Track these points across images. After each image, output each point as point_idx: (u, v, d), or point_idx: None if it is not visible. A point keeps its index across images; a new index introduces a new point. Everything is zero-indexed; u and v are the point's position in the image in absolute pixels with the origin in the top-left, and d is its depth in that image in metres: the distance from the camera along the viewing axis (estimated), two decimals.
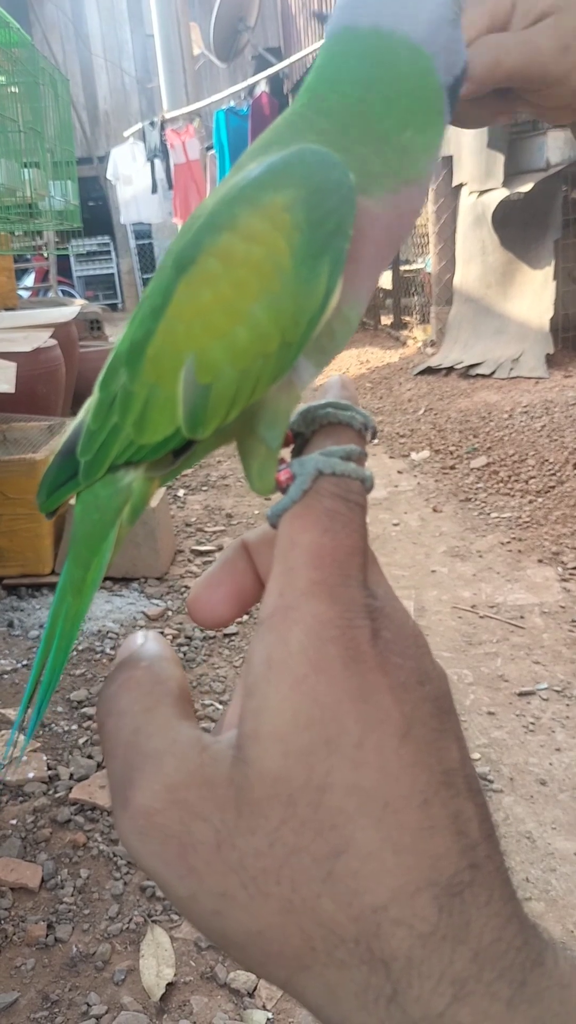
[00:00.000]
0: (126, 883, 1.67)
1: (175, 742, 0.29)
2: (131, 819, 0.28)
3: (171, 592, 2.98)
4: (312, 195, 0.35)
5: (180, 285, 0.37)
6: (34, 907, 1.62)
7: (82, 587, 0.42)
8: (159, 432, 0.38)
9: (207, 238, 0.37)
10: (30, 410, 3.63)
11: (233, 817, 0.27)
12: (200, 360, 0.37)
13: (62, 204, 4.86)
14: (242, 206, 0.36)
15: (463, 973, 0.26)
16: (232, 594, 0.37)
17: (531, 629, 2.65)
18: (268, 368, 0.37)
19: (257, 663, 0.29)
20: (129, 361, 0.39)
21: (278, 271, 0.35)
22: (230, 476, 4.42)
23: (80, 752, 2.08)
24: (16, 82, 4.08)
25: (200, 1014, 1.40)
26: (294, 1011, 1.41)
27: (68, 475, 0.42)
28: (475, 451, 4.39)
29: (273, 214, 0.35)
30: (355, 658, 0.28)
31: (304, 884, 0.27)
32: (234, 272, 0.36)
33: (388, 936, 0.26)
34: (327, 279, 0.35)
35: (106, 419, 0.40)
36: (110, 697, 0.32)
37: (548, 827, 1.81)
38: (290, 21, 11.34)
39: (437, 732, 0.29)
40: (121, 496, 0.41)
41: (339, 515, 0.32)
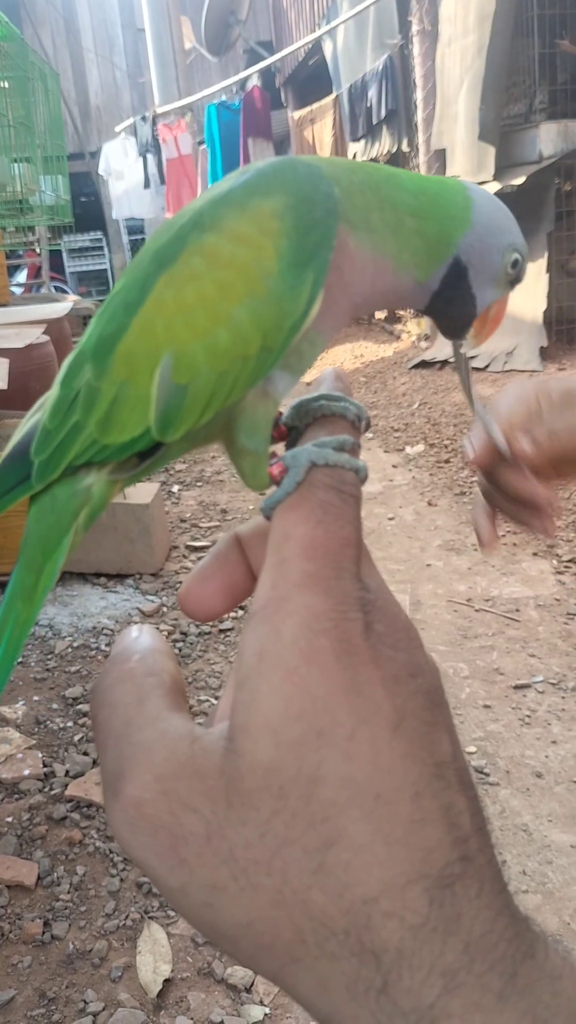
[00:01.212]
0: (122, 880, 1.67)
1: (166, 733, 0.29)
2: (122, 810, 0.28)
3: (166, 588, 2.97)
4: (301, 203, 0.36)
5: (160, 281, 0.37)
6: (30, 904, 1.62)
7: (33, 593, 0.41)
8: (126, 432, 0.38)
9: (192, 237, 0.37)
10: (23, 406, 3.60)
11: (224, 808, 0.27)
12: (178, 359, 0.36)
13: (53, 199, 4.85)
14: (230, 208, 0.36)
15: (454, 965, 0.25)
16: (224, 587, 0.37)
17: (526, 622, 2.65)
18: (246, 372, 0.37)
19: (249, 655, 0.29)
20: (96, 357, 0.38)
21: (264, 275, 0.36)
22: (224, 472, 4.41)
23: (76, 749, 2.08)
24: (6, 77, 4.06)
25: (197, 1010, 1.39)
26: (291, 1006, 1.40)
27: (18, 479, 0.41)
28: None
29: (262, 219, 0.36)
30: (347, 651, 0.28)
31: (295, 876, 0.26)
32: (219, 272, 0.36)
33: (379, 928, 0.26)
34: (311, 287, 0.36)
35: (66, 417, 0.39)
36: (103, 689, 0.32)
37: (544, 820, 1.81)
38: (281, 15, 11.31)
39: (429, 725, 0.29)
40: (79, 499, 0.41)
41: (333, 507, 0.32)
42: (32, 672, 2.45)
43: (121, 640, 0.34)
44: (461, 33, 5.71)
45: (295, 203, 0.36)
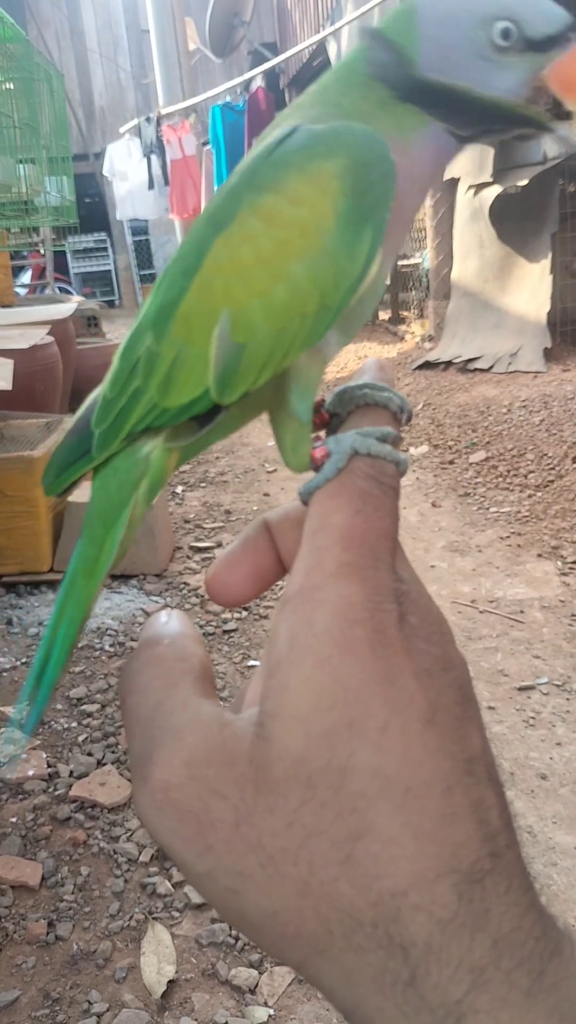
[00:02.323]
0: (127, 880, 1.67)
1: (196, 718, 0.29)
2: (149, 794, 0.28)
3: (170, 589, 2.97)
4: (359, 166, 0.36)
5: (217, 241, 0.37)
6: (34, 905, 1.62)
7: (95, 568, 0.41)
8: (186, 393, 0.38)
9: (247, 197, 0.37)
10: (27, 407, 3.62)
11: (252, 796, 0.27)
12: (236, 318, 0.36)
13: (58, 200, 4.86)
14: (288, 169, 0.36)
15: (482, 961, 0.25)
16: (251, 573, 0.37)
17: (531, 623, 2.65)
18: (304, 330, 0.37)
19: (281, 642, 0.29)
20: (156, 323, 0.38)
21: (322, 233, 0.36)
22: (228, 472, 4.42)
23: (80, 750, 2.08)
24: (11, 78, 4.07)
25: (201, 1011, 1.39)
26: (295, 1008, 1.40)
27: (80, 453, 0.41)
28: (474, 446, 4.39)
29: (321, 179, 0.36)
30: (382, 642, 0.28)
31: (322, 866, 0.26)
32: (277, 231, 0.36)
33: (407, 921, 0.26)
34: (369, 246, 0.36)
35: (126, 385, 0.39)
36: (132, 673, 0.32)
37: (549, 821, 1.80)
38: (286, 16, 11.31)
39: (460, 719, 0.29)
40: (138, 469, 0.40)
41: (372, 497, 0.32)
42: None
43: (150, 625, 0.34)
44: None
45: (354, 164, 0.36)
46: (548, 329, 5.60)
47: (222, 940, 1.52)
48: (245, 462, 4.60)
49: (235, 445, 4.95)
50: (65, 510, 3.04)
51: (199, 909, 1.59)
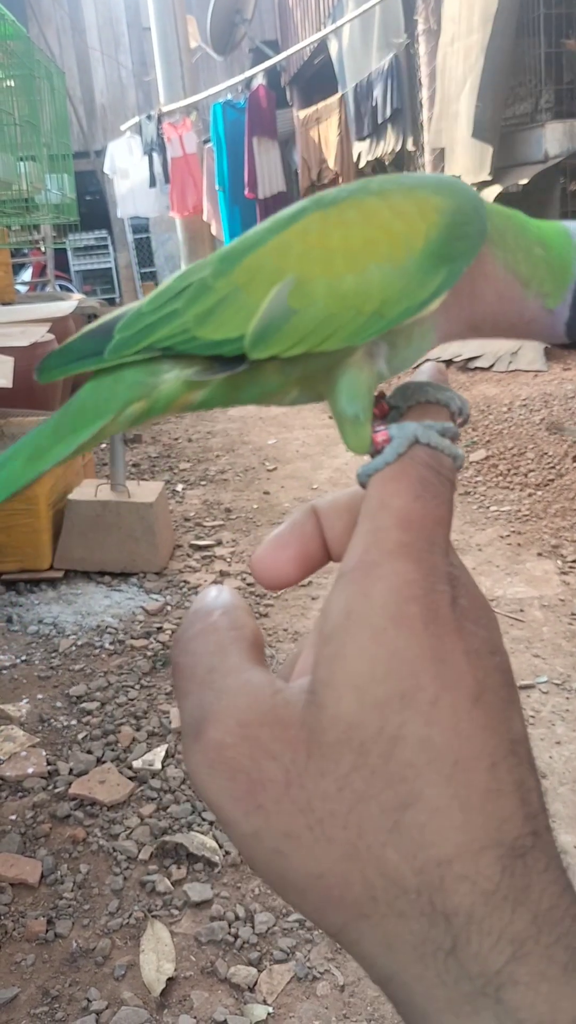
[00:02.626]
0: (126, 878, 1.67)
1: (249, 682, 0.30)
2: (202, 752, 0.29)
3: (170, 587, 2.97)
4: (460, 213, 0.38)
5: (314, 215, 0.39)
6: (34, 903, 1.62)
7: (42, 457, 0.40)
8: (221, 331, 0.39)
9: (357, 194, 0.39)
10: (27, 405, 3.62)
11: (304, 758, 0.28)
12: (300, 284, 0.38)
13: (59, 198, 4.85)
14: (399, 188, 0.39)
15: (522, 934, 0.26)
16: (298, 556, 0.38)
17: (531, 622, 2.65)
18: (352, 325, 0.38)
19: (336, 613, 0.30)
20: (223, 260, 0.39)
21: (407, 250, 0.38)
22: (228, 471, 4.42)
23: (79, 747, 2.08)
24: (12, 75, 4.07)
25: (200, 1009, 1.39)
26: (294, 1005, 1.40)
27: (90, 352, 0.40)
28: (474, 444, 4.39)
29: (424, 206, 0.38)
30: (434, 619, 0.29)
31: (370, 832, 0.27)
32: (370, 229, 0.38)
33: (451, 891, 0.26)
34: (439, 283, 0.38)
35: (166, 304, 0.40)
36: (187, 639, 0.33)
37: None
38: (287, 14, 11.30)
39: (506, 702, 0.29)
40: (145, 388, 0.40)
41: (431, 484, 0.33)
42: (36, 670, 2.46)
43: (202, 598, 0.35)
44: (465, 32, 5.70)
45: (456, 209, 0.38)
46: None
47: (221, 938, 1.52)
48: (245, 460, 4.60)
49: (235, 443, 4.95)
50: (65, 508, 3.04)
51: (198, 907, 1.59)
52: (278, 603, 2.83)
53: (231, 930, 1.54)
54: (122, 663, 2.48)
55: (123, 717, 2.20)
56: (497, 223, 0.41)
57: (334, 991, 1.43)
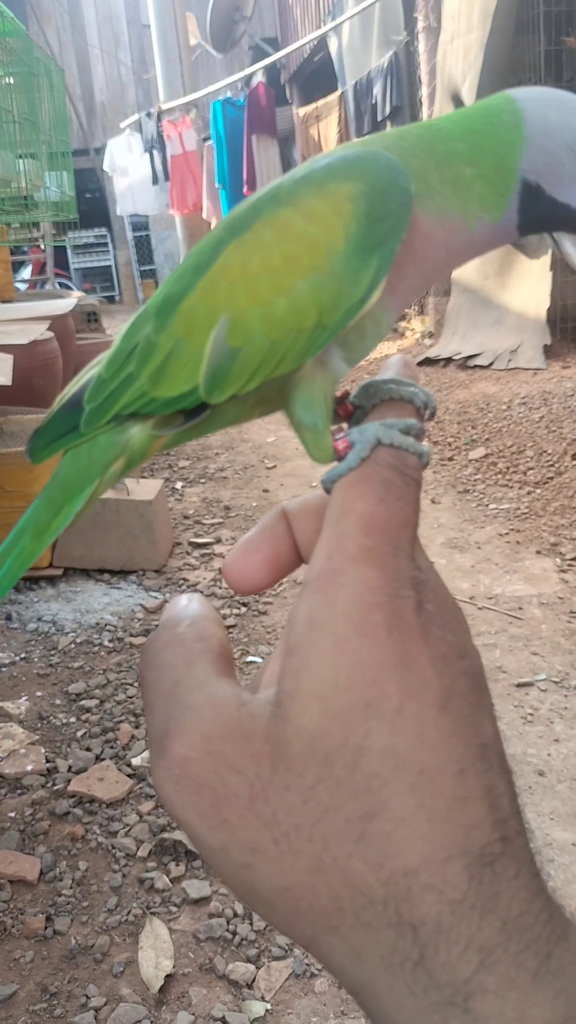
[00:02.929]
0: (124, 875, 1.67)
1: (214, 696, 0.30)
2: (167, 768, 0.29)
3: (169, 584, 2.97)
4: (375, 192, 0.37)
5: (230, 247, 0.38)
6: (33, 899, 1.62)
7: (44, 531, 0.42)
8: (175, 387, 0.39)
9: (267, 209, 0.38)
10: (27, 403, 3.62)
11: (268, 772, 0.28)
12: (235, 323, 0.37)
13: (58, 195, 4.85)
14: (308, 186, 0.38)
15: (491, 942, 0.26)
16: (268, 560, 0.37)
17: (529, 620, 2.65)
18: (298, 345, 0.37)
19: (300, 623, 0.30)
20: (159, 313, 0.39)
21: (330, 253, 0.37)
22: (227, 468, 4.42)
23: (78, 745, 2.08)
24: (11, 72, 4.07)
25: (199, 1005, 1.40)
26: (293, 1002, 1.41)
27: (69, 427, 0.41)
28: (473, 442, 4.39)
29: (336, 200, 0.37)
30: (399, 626, 0.29)
31: (336, 844, 0.27)
32: (287, 245, 0.37)
33: (418, 901, 0.26)
34: (373, 273, 0.37)
35: (121, 368, 0.40)
36: (153, 652, 0.33)
37: (546, 818, 1.81)
38: (287, 11, 11.29)
39: (474, 707, 0.29)
40: (117, 449, 0.41)
41: (395, 486, 0.33)
42: (35, 668, 2.46)
43: (172, 607, 0.35)
44: (464, 30, 5.69)
45: (371, 191, 0.37)
46: (548, 326, 5.60)
47: (219, 935, 1.52)
48: (245, 458, 4.60)
49: (235, 441, 4.95)
50: None
51: (197, 904, 1.60)
52: (277, 600, 2.83)
53: (229, 927, 1.54)
54: (121, 661, 2.48)
55: (122, 715, 2.20)
56: (416, 169, 0.39)
57: (332, 988, 1.43)
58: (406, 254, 0.38)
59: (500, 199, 0.40)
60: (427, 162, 0.39)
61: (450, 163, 0.39)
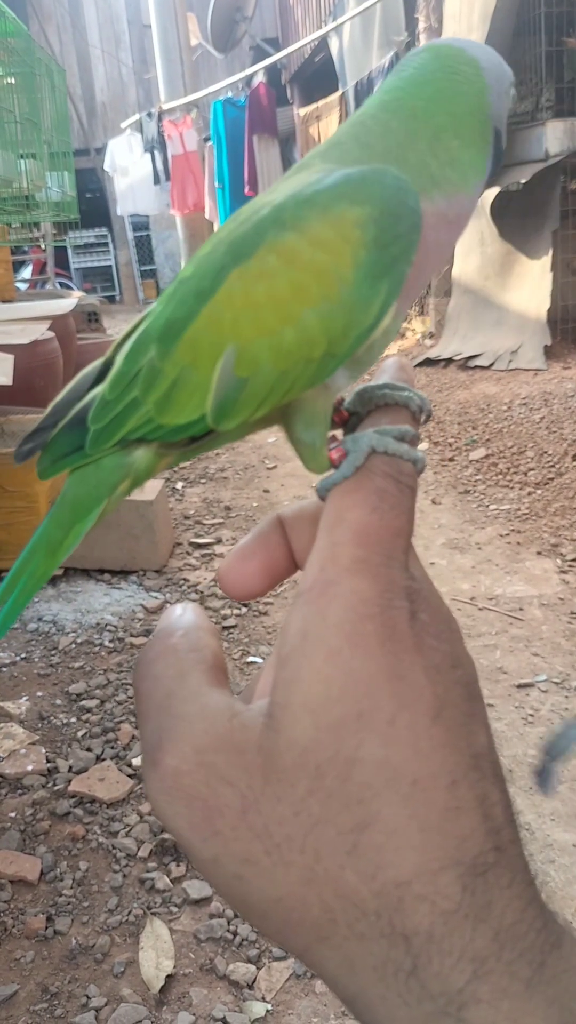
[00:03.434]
0: (125, 876, 1.67)
1: (206, 707, 0.30)
2: (159, 780, 0.29)
3: (169, 585, 2.97)
4: (384, 217, 0.35)
5: (234, 273, 0.37)
6: (33, 900, 1.62)
7: (56, 550, 0.42)
8: (182, 415, 0.38)
9: (271, 233, 0.36)
10: (27, 403, 3.61)
11: (260, 783, 0.28)
12: (242, 353, 0.37)
13: (59, 195, 4.85)
14: (313, 210, 0.36)
15: (484, 951, 0.26)
16: (264, 567, 0.37)
17: (530, 621, 2.65)
18: (307, 373, 0.37)
19: (293, 634, 0.30)
20: (163, 339, 0.38)
21: (339, 282, 0.35)
22: (228, 469, 4.42)
23: (79, 745, 2.08)
24: (12, 73, 4.06)
25: (199, 1006, 1.40)
26: (293, 1003, 1.41)
27: (76, 445, 0.41)
28: (474, 443, 4.39)
29: (344, 226, 0.35)
30: (392, 637, 0.29)
31: (328, 855, 0.27)
32: (294, 274, 0.36)
33: (410, 911, 0.26)
34: (384, 299, 0.36)
35: (125, 392, 0.39)
36: (147, 662, 0.33)
37: (547, 819, 1.81)
38: (288, 11, 11.29)
39: (467, 716, 0.29)
40: (123, 471, 0.41)
41: (389, 495, 0.33)
42: (36, 668, 2.46)
43: (166, 617, 0.35)
44: (465, 30, 5.69)
45: (380, 215, 0.35)
46: (548, 326, 5.60)
47: (220, 935, 1.52)
48: (245, 458, 4.60)
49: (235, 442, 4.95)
50: None
51: (197, 904, 1.60)
52: (278, 601, 2.83)
53: (230, 927, 1.54)
54: (122, 661, 2.48)
55: (123, 715, 2.20)
56: (416, 163, 0.38)
57: None
58: (417, 262, 0.38)
59: (483, 157, 0.40)
60: (423, 150, 0.38)
61: (440, 140, 0.39)
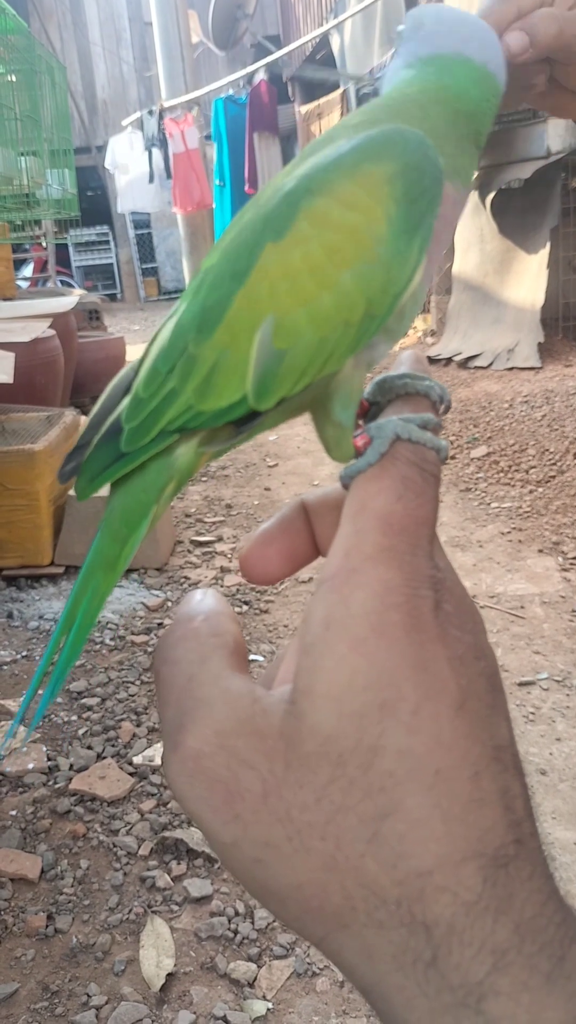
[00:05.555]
0: (126, 874, 1.67)
1: (228, 691, 0.30)
2: (180, 762, 0.29)
3: (171, 583, 2.97)
4: (411, 170, 0.36)
5: (268, 247, 0.37)
6: (34, 898, 1.62)
7: (115, 564, 0.41)
8: (224, 398, 0.38)
9: (302, 202, 0.37)
10: (29, 401, 3.62)
11: (282, 769, 0.28)
12: (280, 323, 0.36)
13: (60, 193, 4.85)
14: (340, 173, 0.36)
15: (504, 944, 0.26)
16: (285, 552, 0.37)
17: (531, 619, 2.65)
18: (347, 339, 0.37)
19: (316, 622, 0.29)
20: (201, 326, 0.38)
21: (375, 240, 0.36)
22: (229, 467, 4.41)
23: (80, 743, 2.08)
24: (13, 70, 4.06)
25: (200, 1004, 1.40)
26: (294, 1001, 1.41)
27: (113, 457, 0.40)
28: (475, 441, 4.39)
29: (373, 184, 0.36)
30: (416, 627, 0.28)
31: (349, 843, 0.27)
32: (329, 237, 0.36)
33: (431, 901, 0.26)
34: (417, 253, 0.36)
35: (161, 386, 0.39)
36: (167, 647, 0.33)
37: (548, 817, 1.81)
38: (289, 9, 11.27)
39: (490, 708, 0.29)
40: (168, 472, 0.40)
41: (413, 483, 0.32)
42: (36, 666, 2.45)
43: (186, 602, 0.34)
44: None
45: (405, 170, 0.36)
46: (542, 324, 5.58)
47: (221, 934, 1.52)
48: (246, 456, 4.60)
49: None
50: (66, 503, 3.04)
51: (198, 903, 1.60)
52: (279, 599, 2.83)
53: (231, 926, 1.54)
54: (123, 659, 2.48)
55: (123, 713, 2.20)
56: (431, 130, 0.39)
57: (334, 987, 1.43)
58: (436, 225, 0.38)
59: (476, 161, 0.42)
60: (441, 130, 0.40)
61: (456, 125, 0.41)
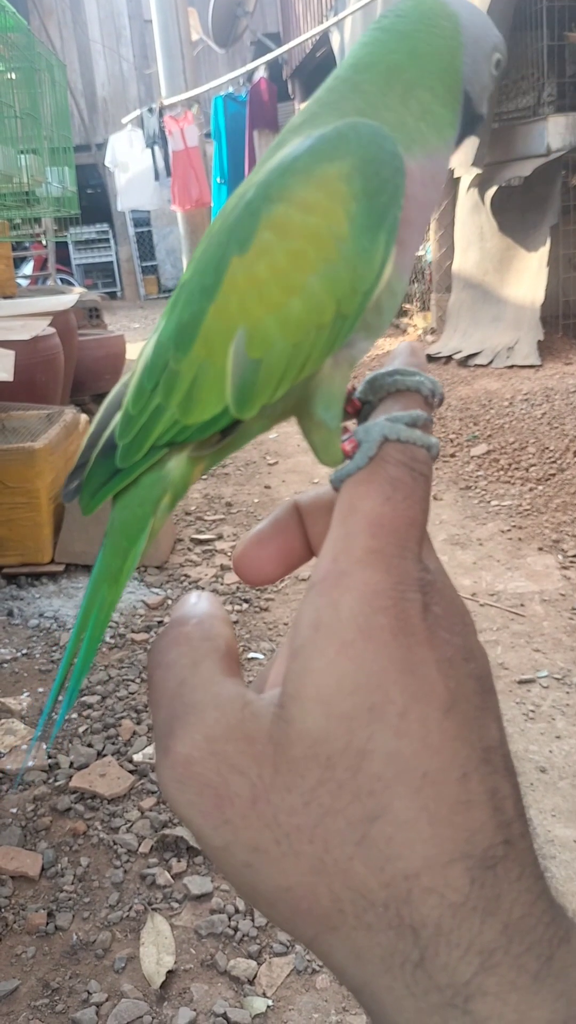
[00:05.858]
0: (126, 871, 1.67)
1: (218, 696, 0.30)
2: (171, 767, 0.29)
3: (171, 581, 2.97)
4: (367, 165, 0.35)
5: (234, 260, 0.37)
6: (34, 895, 1.62)
7: (118, 576, 0.42)
8: (207, 410, 0.38)
9: (261, 211, 0.36)
10: (29, 399, 3.62)
11: (270, 773, 0.28)
12: (252, 333, 0.36)
13: (59, 191, 4.85)
14: (296, 177, 0.36)
15: (491, 944, 0.26)
16: (279, 553, 0.37)
17: (531, 617, 2.65)
18: (320, 342, 0.37)
19: (305, 625, 0.29)
20: (178, 343, 0.38)
21: (336, 240, 0.35)
22: (229, 465, 4.41)
23: (80, 741, 2.08)
24: (13, 68, 4.06)
25: (200, 1001, 1.40)
26: (294, 999, 1.41)
27: (112, 471, 0.41)
28: (475, 439, 4.38)
29: (330, 184, 0.35)
30: (404, 630, 0.29)
31: (337, 846, 0.27)
32: (291, 243, 0.36)
33: (418, 903, 0.26)
34: (383, 248, 0.36)
35: (147, 402, 0.39)
36: (160, 650, 0.33)
37: (548, 815, 1.81)
38: (289, 6, 11.26)
39: (479, 709, 0.29)
40: (162, 486, 0.41)
41: (402, 484, 0.32)
42: (37, 664, 2.46)
43: (180, 605, 0.35)
44: None
45: (361, 165, 0.35)
46: (542, 322, 5.58)
47: (221, 931, 1.52)
48: (246, 454, 4.60)
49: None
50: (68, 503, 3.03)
51: (198, 900, 1.60)
52: (279, 597, 2.83)
53: (231, 923, 1.54)
54: (123, 657, 2.48)
55: (124, 711, 2.20)
56: (392, 120, 0.38)
57: (333, 984, 1.43)
58: (407, 211, 0.37)
59: (453, 115, 0.40)
60: (396, 106, 0.38)
61: (414, 95, 0.39)
